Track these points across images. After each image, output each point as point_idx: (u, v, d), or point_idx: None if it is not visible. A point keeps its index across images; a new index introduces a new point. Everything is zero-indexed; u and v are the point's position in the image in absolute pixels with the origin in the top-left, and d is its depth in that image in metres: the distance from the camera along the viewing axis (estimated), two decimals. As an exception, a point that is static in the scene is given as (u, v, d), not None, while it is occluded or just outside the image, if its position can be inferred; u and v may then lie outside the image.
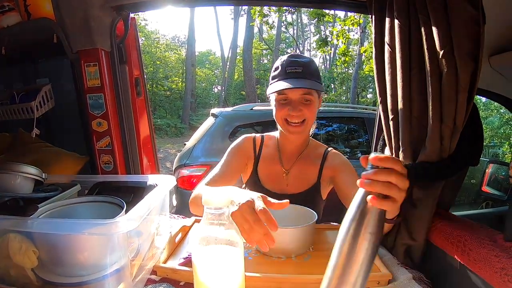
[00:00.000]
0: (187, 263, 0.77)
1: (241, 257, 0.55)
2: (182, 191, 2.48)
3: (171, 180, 0.93)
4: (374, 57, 0.91)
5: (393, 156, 0.87)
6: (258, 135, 1.18)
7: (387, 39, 0.85)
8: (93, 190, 1.01)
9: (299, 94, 0.98)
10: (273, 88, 0.99)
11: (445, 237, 0.76)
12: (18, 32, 1.32)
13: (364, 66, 9.96)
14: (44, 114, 1.53)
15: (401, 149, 0.82)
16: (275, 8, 6.62)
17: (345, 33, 6.02)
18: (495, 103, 1.81)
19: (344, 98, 17.28)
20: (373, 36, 0.92)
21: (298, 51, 19.25)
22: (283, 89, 0.96)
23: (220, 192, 0.53)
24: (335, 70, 17.39)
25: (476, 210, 2.36)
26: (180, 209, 2.49)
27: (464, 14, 0.69)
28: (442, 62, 0.72)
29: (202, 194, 0.71)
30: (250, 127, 2.81)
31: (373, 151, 1.30)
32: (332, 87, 17.67)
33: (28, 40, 1.48)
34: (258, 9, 6.55)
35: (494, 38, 1.06)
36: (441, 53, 0.71)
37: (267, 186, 1.11)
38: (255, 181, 1.12)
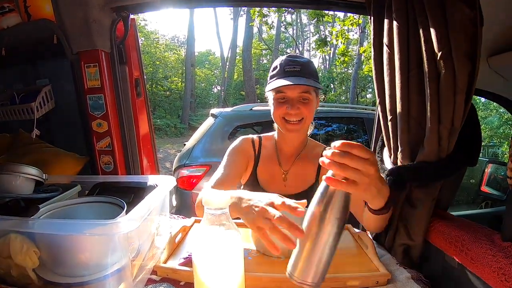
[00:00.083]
0: (187, 263, 0.77)
1: (241, 257, 0.55)
2: (182, 191, 2.48)
3: (171, 180, 0.93)
4: (372, 58, 0.92)
5: (392, 156, 0.88)
6: (256, 136, 1.17)
7: (385, 40, 0.85)
8: (93, 190, 1.02)
9: (298, 92, 0.97)
10: (271, 86, 0.98)
11: (443, 237, 0.77)
12: (18, 33, 1.33)
13: (363, 66, 9.97)
14: (44, 114, 1.53)
15: (399, 149, 0.82)
16: (274, 8, 6.64)
17: (345, 33, 6.03)
18: (495, 103, 1.81)
19: (343, 98, 17.31)
20: (371, 37, 0.93)
21: (297, 51, 19.28)
22: (282, 86, 0.94)
23: (221, 193, 0.54)
24: (335, 70, 17.43)
25: (475, 210, 2.37)
26: (180, 209, 2.49)
27: (462, 16, 0.70)
28: (440, 63, 0.72)
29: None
30: (250, 127, 2.81)
31: (372, 151, 1.31)
32: (332, 87, 17.70)
33: (28, 41, 1.48)
34: (257, 9, 6.58)
35: (493, 39, 1.07)
36: (439, 54, 0.72)
37: (265, 188, 1.10)
38: (253, 182, 1.11)
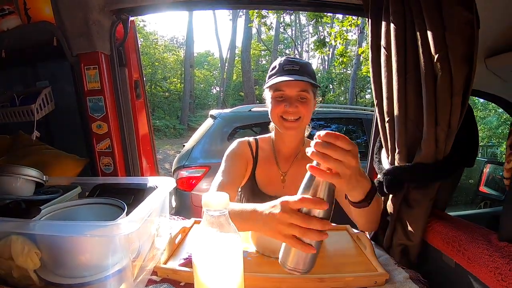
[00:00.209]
0: (187, 263, 0.78)
1: (240, 257, 0.56)
2: (181, 192, 2.48)
3: (171, 182, 0.94)
4: (370, 60, 0.93)
5: (389, 157, 0.88)
6: (252, 139, 1.15)
7: (383, 42, 0.86)
8: (93, 192, 1.02)
9: (296, 91, 0.97)
10: (271, 83, 0.98)
11: (441, 237, 0.77)
12: (18, 35, 1.33)
13: (362, 67, 9.99)
14: (44, 116, 1.54)
15: (396, 151, 0.83)
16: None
17: (343, 34, 6.05)
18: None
19: (342, 98, 17.33)
20: (369, 39, 0.94)
21: (296, 51, 19.32)
22: (282, 81, 0.94)
23: (220, 194, 0.54)
24: (334, 71, 17.46)
25: (474, 210, 2.37)
26: (179, 210, 2.50)
27: (459, 18, 0.70)
28: (437, 65, 0.73)
29: None
30: (249, 128, 2.81)
31: (370, 152, 1.31)
32: (331, 87, 17.71)
33: (28, 43, 1.49)
34: (256, 10, 6.58)
35: (490, 40, 1.07)
36: (436, 56, 0.72)
37: (264, 190, 1.09)
38: (252, 185, 1.10)
